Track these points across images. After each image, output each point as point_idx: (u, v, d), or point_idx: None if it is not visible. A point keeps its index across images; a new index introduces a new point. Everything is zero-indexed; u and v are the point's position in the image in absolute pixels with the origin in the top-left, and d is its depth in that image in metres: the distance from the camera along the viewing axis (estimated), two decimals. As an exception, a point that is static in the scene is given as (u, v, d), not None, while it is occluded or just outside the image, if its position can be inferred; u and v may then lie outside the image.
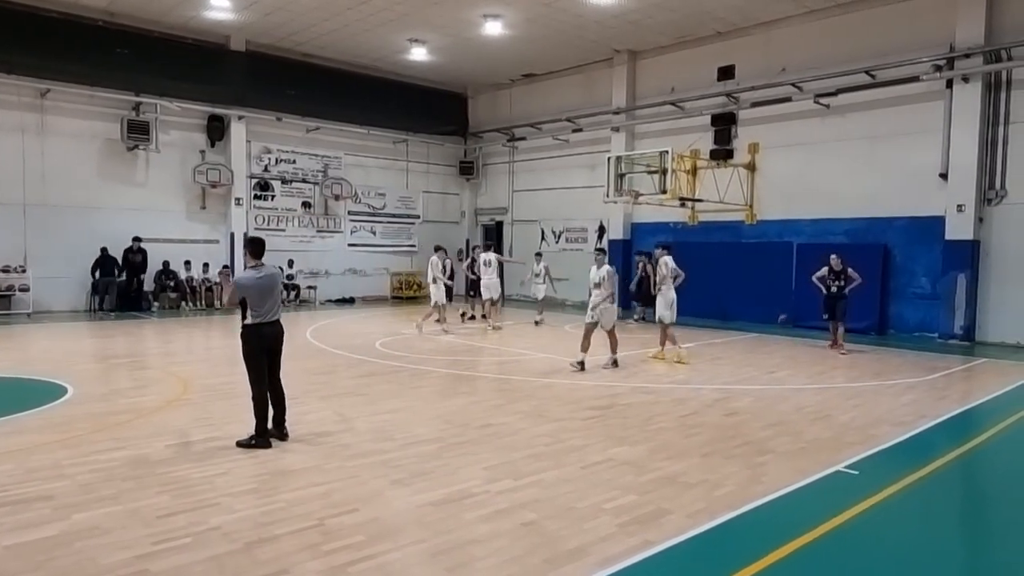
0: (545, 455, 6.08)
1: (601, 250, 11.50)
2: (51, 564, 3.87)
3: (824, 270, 12.71)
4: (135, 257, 17.58)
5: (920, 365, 11.37)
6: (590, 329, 10.46)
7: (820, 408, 8.10)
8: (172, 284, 18.54)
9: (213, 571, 3.83)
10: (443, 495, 5.03)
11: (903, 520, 4.93)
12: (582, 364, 10.18)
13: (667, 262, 11.56)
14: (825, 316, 13.01)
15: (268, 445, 6.19)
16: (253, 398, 6.26)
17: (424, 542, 4.24)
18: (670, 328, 11.46)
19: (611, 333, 10.57)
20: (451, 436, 6.64)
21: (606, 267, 10.68)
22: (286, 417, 6.52)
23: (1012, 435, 7.46)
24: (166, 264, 18.41)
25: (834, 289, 12.60)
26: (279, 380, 6.55)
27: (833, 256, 12.64)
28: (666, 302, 11.48)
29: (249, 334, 6.34)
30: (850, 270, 12.57)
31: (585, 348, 10.31)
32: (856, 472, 5.79)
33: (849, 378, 10.11)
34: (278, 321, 6.50)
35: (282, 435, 6.41)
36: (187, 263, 18.66)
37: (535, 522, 4.57)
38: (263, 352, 6.36)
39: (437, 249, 15.38)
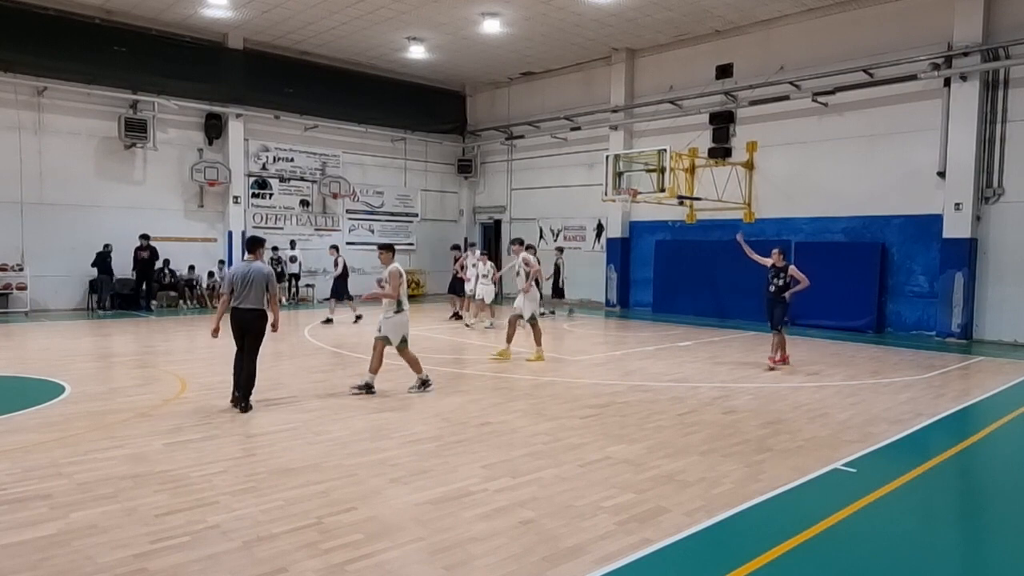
0: (543, 453, 6.08)
1: (386, 246, 8.61)
2: (48, 563, 3.87)
3: (768, 261, 10.96)
4: (142, 254, 17.52)
5: (917, 363, 11.39)
6: (380, 344, 8.38)
7: (818, 406, 8.11)
8: (171, 282, 18.51)
9: (211, 570, 3.83)
10: (441, 493, 5.03)
11: (901, 517, 4.94)
12: (368, 387, 8.30)
13: (528, 259, 11.43)
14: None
15: (233, 405, 7.49)
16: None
17: (422, 540, 4.24)
18: (521, 322, 11.14)
19: (388, 349, 8.35)
20: (449, 435, 6.64)
21: (394, 265, 8.35)
22: (250, 395, 7.49)
23: (1009, 433, 7.48)
24: (166, 263, 18.39)
25: (772, 288, 10.78)
26: (251, 360, 7.51)
27: (775, 250, 10.93)
28: (533, 298, 11.24)
29: (230, 315, 7.53)
30: (793, 268, 10.78)
31: (374, 368, 8.37)
32: (854, 470, 5.80)
33: (847, 376, 10.12)
34: (253, 309, 7.46)
35: (243, 408, 7.38)
36: (191, 268, 18.56)
37: (533, 520, 4.57)
38: (235, 331, 7.54)
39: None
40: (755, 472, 5.66)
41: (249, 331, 7.48)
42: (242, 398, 7.44)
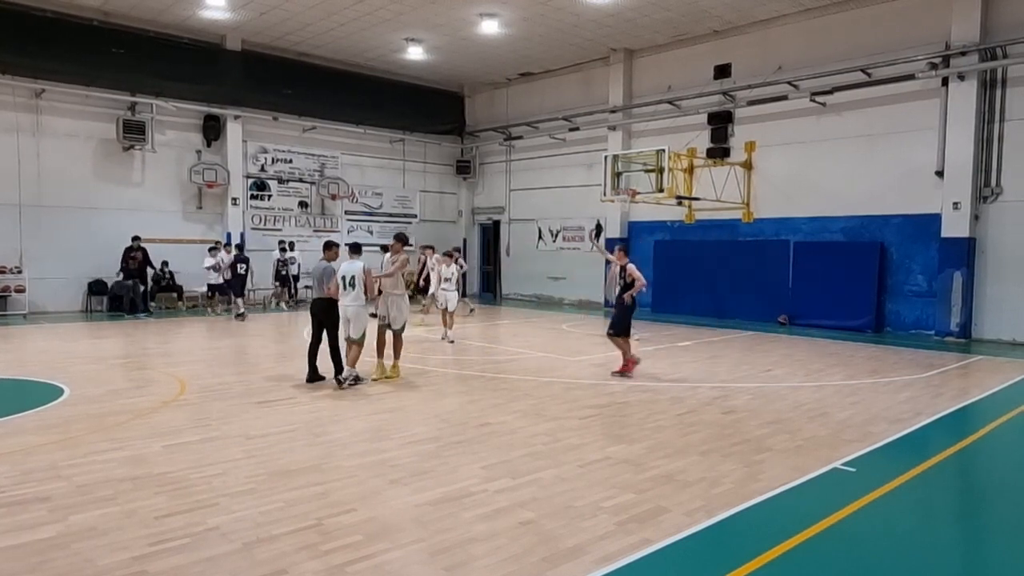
0: (543, 454, 6.08)
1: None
2: (48, 565, 3.86)
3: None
4: (135, 255, 17.44)
5: (917, 362, 11.40)
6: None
7: (817, 406, 8.11)
8: (169, 284, 18.46)
9: (211, 571, 3.82)
10: (441, 494, 5.03)
11: (900, 516, 4.94)
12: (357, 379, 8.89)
13: (393, 260, 9.97)
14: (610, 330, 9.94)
15: (310, 379, 8.96)
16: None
17: (422, 541, 4.24)
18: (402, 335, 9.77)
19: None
20: (449, 435, 6.64)
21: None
22: (339, 370, 8.86)
23: (1008, 432, 7.49)
24: (164, 264, 18.33)
25: (616, 289, 9.94)
26: (332, 343, 8.90)
27: (616, 247, 10.11)
28: (405, 306, 9.71)
29: (310, 305, 9.34)
30: (631, 267, 9.69)
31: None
32: (853, 469, 5.80)
33: (846, 376, 10.13)
34: (326, 300, 8.94)
35: (337, 382, 8.81)
36: (211, 268, 17.91)
37: (533, 521, 4.57)
38: (313, 317, 9.12)
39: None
40: (755, 472, 5.66)
41: (323, 318, 8.97)
42: (336, 373, 8.85)
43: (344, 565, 3.90)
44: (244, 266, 17.13)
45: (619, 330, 9.77)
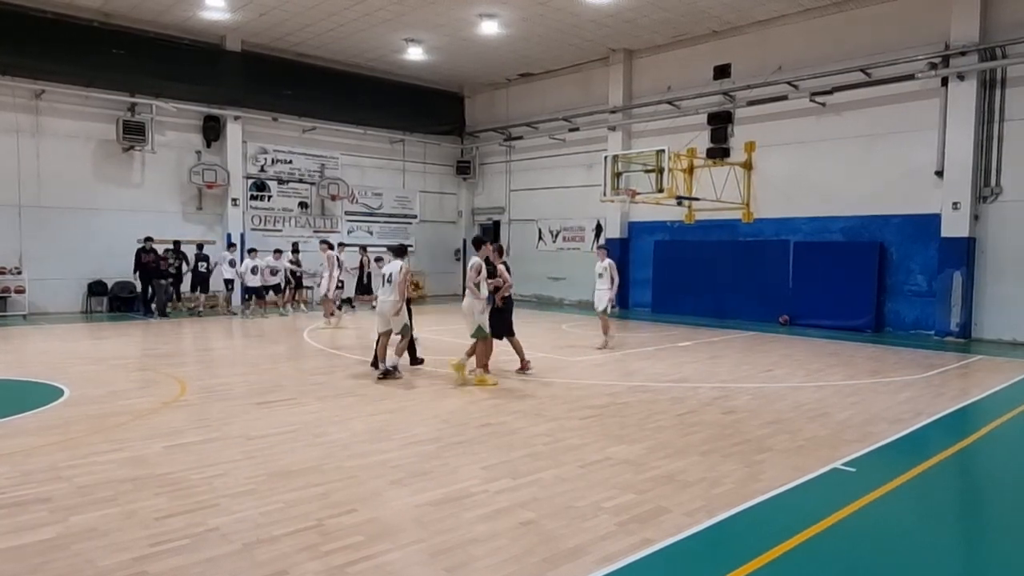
0: (543, 454, 6.08)
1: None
2: (48, 567, 3.86)
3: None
4: (147, 257, 17.36)
5: (917, 362, 11.40)
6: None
7: (818, 406, 8.11)
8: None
9: (211, 572, 3.82)
10: (442, 495, 5.03)
11: (901, 517, 4.94)
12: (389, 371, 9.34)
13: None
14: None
15: (411, 363, 10.16)
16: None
17: (423, 542, 4.23)
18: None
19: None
20: (449, 436, 6.64)
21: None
22: (417, 360, 10.23)
23: (1008, 431, 7.49)
24: (181, 259, 18.26)
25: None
26: (397, 335, 9.50)
27: (494, 247, 10.01)
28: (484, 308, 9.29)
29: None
30: (500, 268, 9.70)
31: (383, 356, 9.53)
32: (854, 469, 5.80)
33: (846, 376, 10.13)
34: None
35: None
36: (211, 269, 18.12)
37: (534, 521, 4.57)
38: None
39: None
40: (755, 472, 5.66)
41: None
42: (412, 363, 9.86)
43: (345, 566, 3.90)
44: (205, 264, 17.59)
45: (496, 332, 9.62)
